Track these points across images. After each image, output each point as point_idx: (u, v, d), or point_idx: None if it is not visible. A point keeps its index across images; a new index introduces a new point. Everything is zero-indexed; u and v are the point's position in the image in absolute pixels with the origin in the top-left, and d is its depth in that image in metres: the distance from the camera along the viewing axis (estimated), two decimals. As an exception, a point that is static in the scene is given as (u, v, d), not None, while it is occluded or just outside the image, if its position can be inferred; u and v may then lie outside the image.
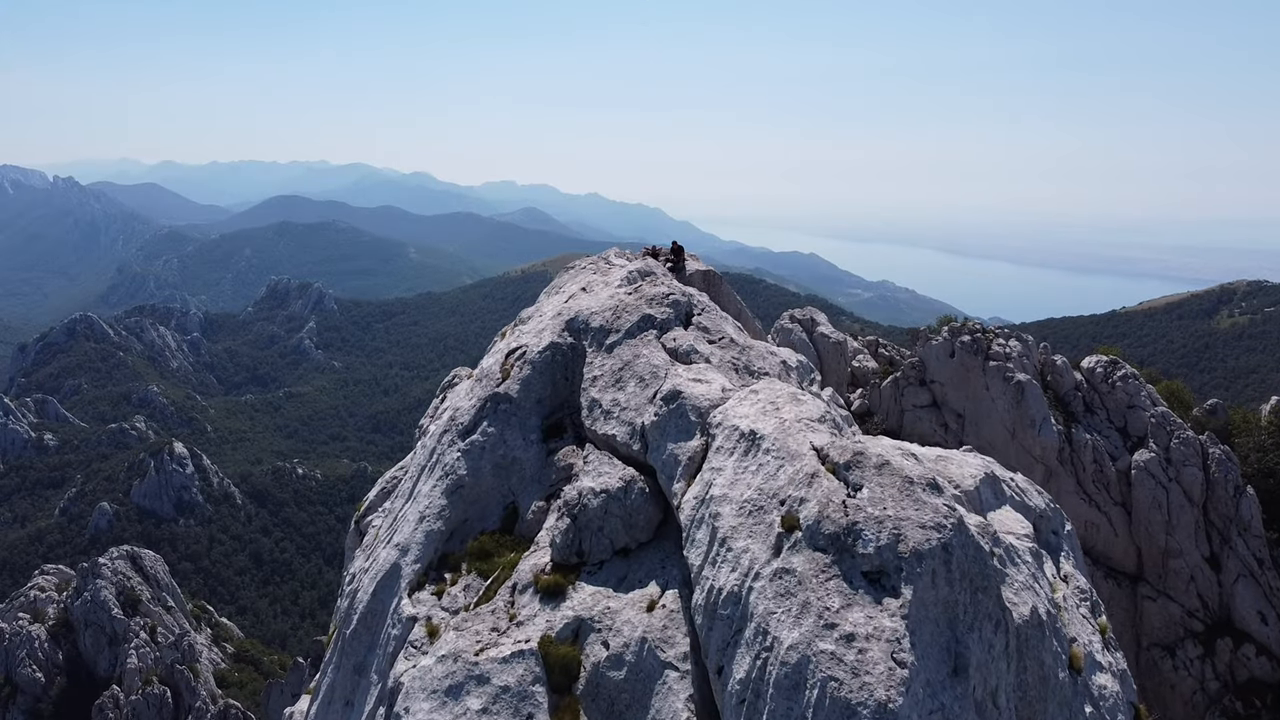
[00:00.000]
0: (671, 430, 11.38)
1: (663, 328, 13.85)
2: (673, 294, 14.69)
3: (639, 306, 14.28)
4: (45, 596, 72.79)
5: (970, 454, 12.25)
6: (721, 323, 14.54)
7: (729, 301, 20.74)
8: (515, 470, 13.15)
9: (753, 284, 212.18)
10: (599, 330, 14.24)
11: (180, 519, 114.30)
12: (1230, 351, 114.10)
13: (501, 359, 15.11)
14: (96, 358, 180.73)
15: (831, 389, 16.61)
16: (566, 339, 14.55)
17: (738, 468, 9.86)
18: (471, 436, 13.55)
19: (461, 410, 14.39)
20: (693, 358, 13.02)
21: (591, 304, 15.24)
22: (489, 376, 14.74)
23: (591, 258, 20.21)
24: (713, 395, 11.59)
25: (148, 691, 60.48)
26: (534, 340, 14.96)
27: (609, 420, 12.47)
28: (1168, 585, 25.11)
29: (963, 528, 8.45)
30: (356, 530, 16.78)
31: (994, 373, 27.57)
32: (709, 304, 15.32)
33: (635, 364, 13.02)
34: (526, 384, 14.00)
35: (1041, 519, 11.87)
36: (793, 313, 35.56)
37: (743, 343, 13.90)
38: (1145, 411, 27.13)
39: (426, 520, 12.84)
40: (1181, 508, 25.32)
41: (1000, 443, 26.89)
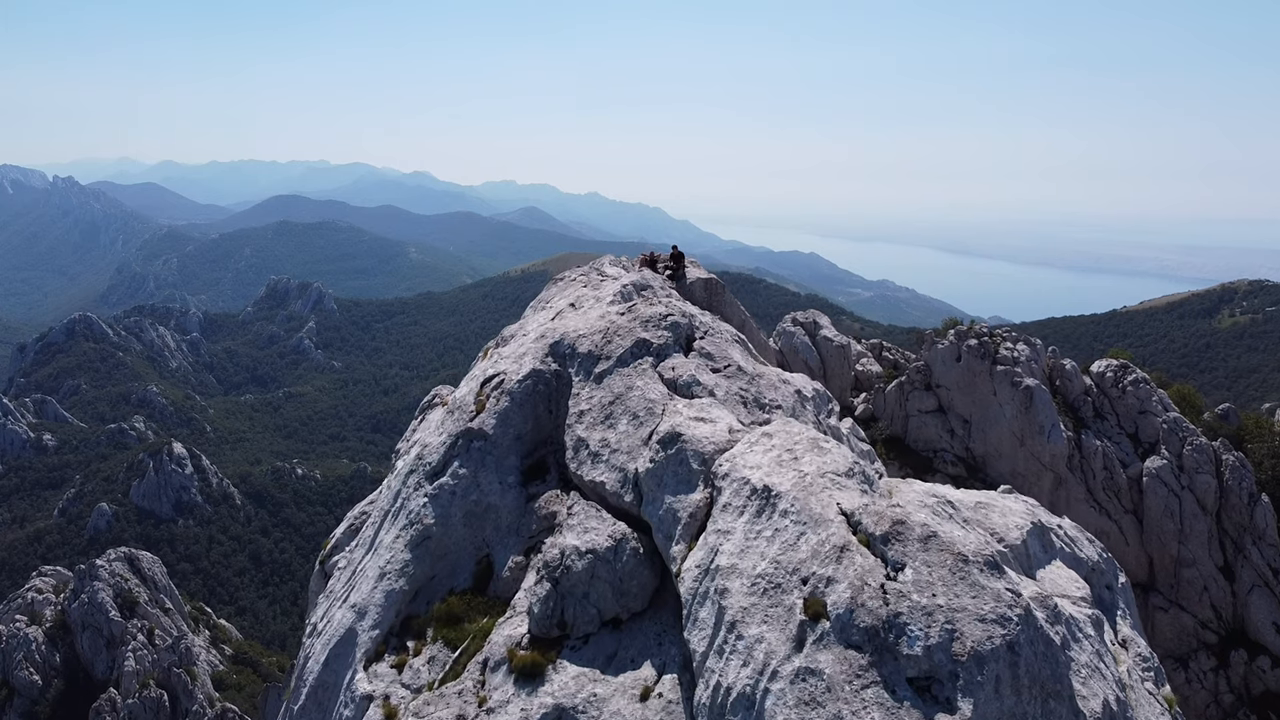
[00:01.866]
0: (670, 480, 9.74)
1: (659, 354, 12.15)
2: (671, 314, 12.97)
3: (633, 329, 12.58)
4: (43, 598, 72.48)
5: (1011, 496, 10.69)
6: (727, 347, 12.75)
7: (732, 312, 20.04)
8: (490, 519, 11.48)
9: (753, 284, 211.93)
10: (587, 357, 12.51)
11: (179, 519, 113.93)
12: (1231, 351, 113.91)
13: (476, 388, 13.24)
14: (96, 358, 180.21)
15: (851, 421, 15.13)
16: (550, 365, 12.80)
17: (749, 531, 8.31)
18: (440, 479, 11.80)
19: (430, 448, 12.57)
20: (694, 390, 11.40)
21: (579, 325, 13.48)
22: (461, 409, 12.89)
23: (583, 268, 18.62)
24: (718, 438, 9.92)
25: (145, 695, 60.13)
26: (513, 367, 13.12)
27: (597, 464, 10.81)
28: (1180, 595, 24.64)
29: (1030, 620, 7.01)
30: (321, 572, 14.88)
31: (1001, 377, 27.10)
32: (712, 324, 13.59)
33: (628, 397, 11.31)
34: (504, 418, 12.16)
35: (1094, 573, 10.38)
36: (795, 315, 35.11)
37: (751, 370, 12.24)
38: (1157, 417, 26.65)
39: (387, 577, 11.21)
40: (1194, 516, 24.85)
41: (1008, 449, 26.44)
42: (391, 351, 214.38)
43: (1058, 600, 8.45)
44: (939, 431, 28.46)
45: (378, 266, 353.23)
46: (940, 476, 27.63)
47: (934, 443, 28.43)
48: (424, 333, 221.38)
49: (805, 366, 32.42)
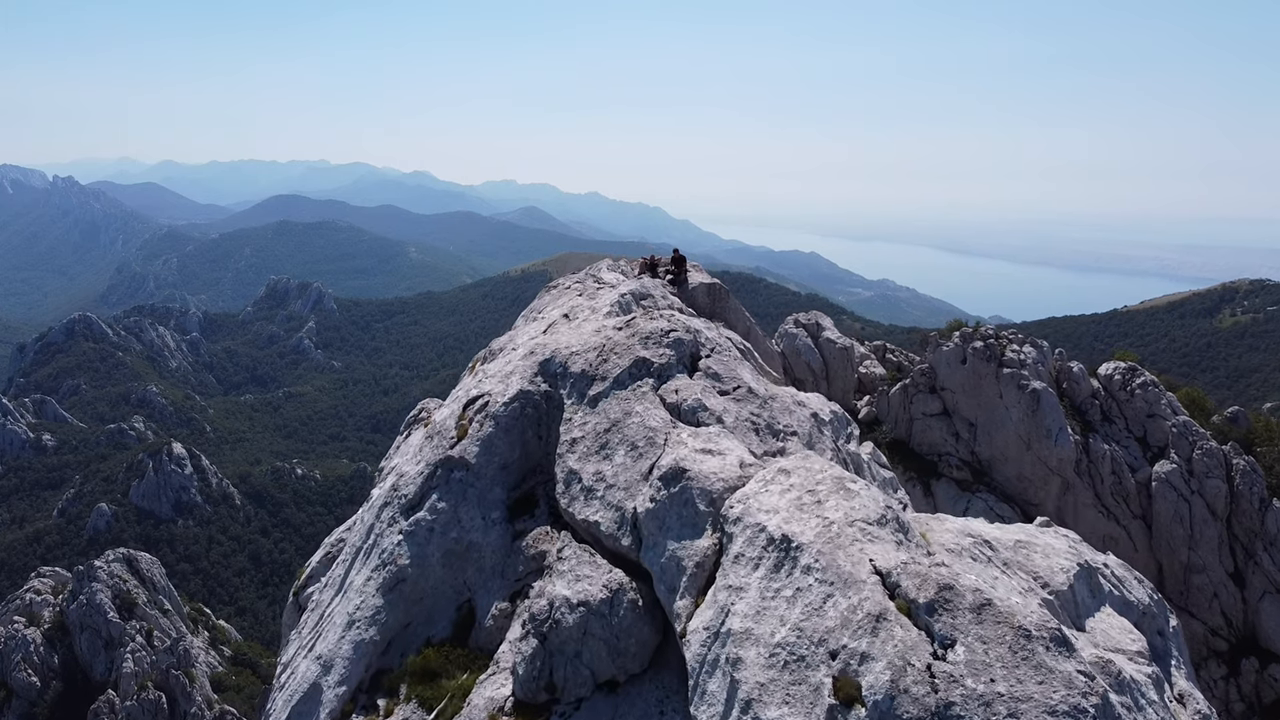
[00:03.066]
0: (673, 522, 8.61)
1: (661, 375, 10.87)
2: (674, 330, 11.63)
3: (631, 347, 11.29)
4: (41, 599, 72.28)
5: (1050, 531, 9.64)
6: (735, 366, 11.47)
7: (737, 318, 19.43)
8: (472, 559, 10.28)
9: (753, 283, 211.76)
10: (580, 377, 11.19)
11: (179, 520, 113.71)
12: (1233, 350, 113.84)
13: (458, 410, 11.90)
14: (95, 358, 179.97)
15: (872, 446, 13.69)
16: (540, 386, 11.53)
17: (766, 589, 7.18)
18: (417, 514, 10.58)
19: (406, 478, 11.29)
20: (700, 416, 10.13)
21: (572, 341, 12.22)
22: (442, 433, 11.58)
23: (578, 275, 17.65)
24: (728, 474, 8.75)
25: (143, 697, 59.93)
26: (499, 387, 11.81)
27: (591, 501, 9.57)
28: (1190, 602, 24.30)
29: (1108, 710, 6.04)
30: (294, 604, 13.75)
31: (1008, 380, 26.75)
32: (719, 340, 12.29)
33: (626, 425, 10.04)
34: (488, 445, 10.91)
35: (1145, 617, 9.36)
36: (797, 317, 34.77)
37: (763, 393, 10.97)
38: (1166, 420, 26.30)
39: (357, 626, 10.05)
40: (1204, 521, 24.50)
41: (1014, 453, 26.11)
42: (391, 351, 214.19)
43: (1116, 661, 7.60)
44: (944, 435, 28.13)
45: (378, 266, 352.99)
46: (945, 480, 27.30)
47: (939, 446, 28.10)
48: (424, 332, 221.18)
49: (807, 369, 32.08)
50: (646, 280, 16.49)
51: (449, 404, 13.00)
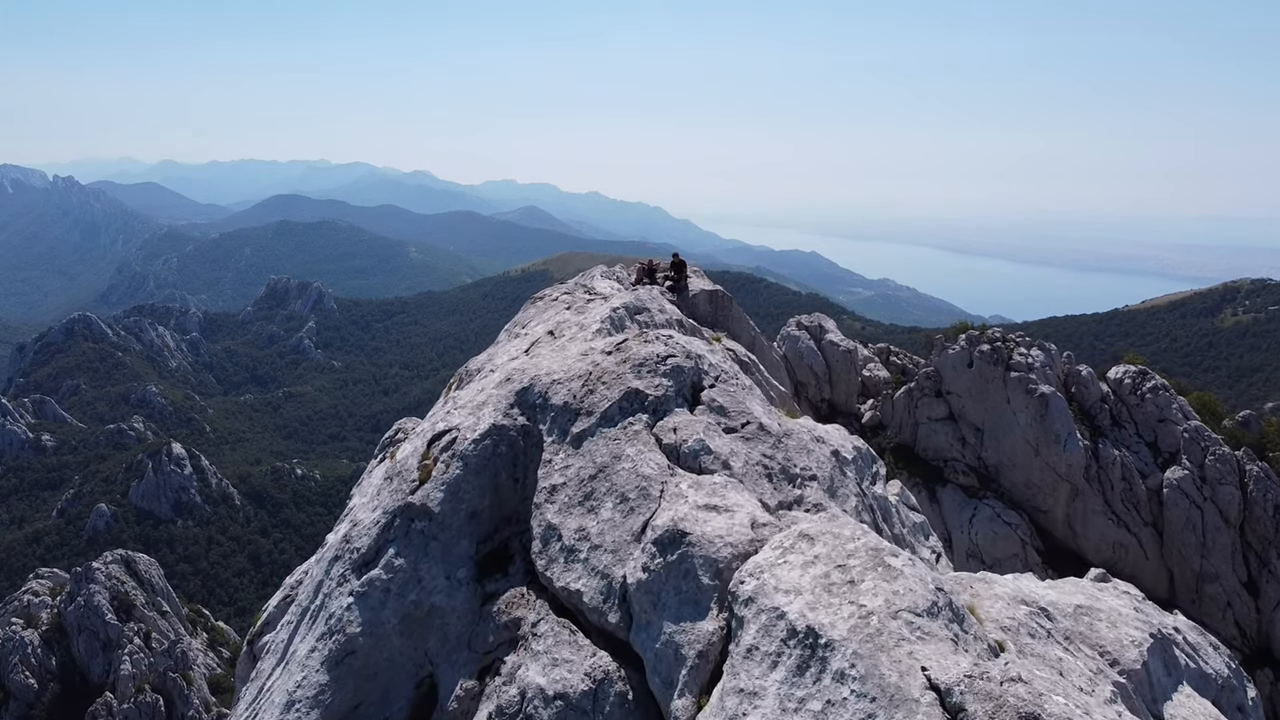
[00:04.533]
0: (670, 598, 7.15)
1: (657, 410, 9.30)
2: (672, 355, 10.00)
3: (622, 376, 9.70)
4: (39, 601, 71.97)
5: (1110, 588, 8.41)
6: (744, 398, 9.88)
7: (740, 328, 18.44)
8: (434, 626, 8.78)
9: (754, 283, 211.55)
10: (562, 410, 9.65)
11: (178, 520, 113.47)
12: (1234, 350, 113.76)
13: (422, 447, 10.18)
14: (95, 358, 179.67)
15: (900, 485, 12.07)
16: (516, 419, 9.90)
17: (787, 698, 5.78)
18: (371, 572, 9.01)
19: (360, 528, 9.60)
20: (703, 461, 8.61)
21: (554, 366, 10.57)
22: (403, 474, 9.90)
23: (568, 285, 16.02)
24: (737, 537, 7.29)
25: (140, 700, 59.68)
26: (468, 420, 10.11)
27: (572, 565, 8.11)
28: (1202, 611, 23.87)
29: None
30: (249, 654, 12.28)
31: (1015, 384, 26.36)
32: (724, 366, 10.57)
33: (614, 471, 8.54)
34: (454, 490, 9.30)
35: (1225, 690, 8.40)
36: (800, 319, 34.43)
37: (776, 428, 9.46)
38: (1177, 425, 25.87)
39: (297, 708, 8.63)
40: (1217, 529, 24.07)
41: (1022, 459, 25.70)
42: (391, 351, 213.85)
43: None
44: (950, 440, 27.73)
45: (378, 266, 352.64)
46: (951, 486, 26.90)
47: (944, 451, 27.72)
48: (424, 332, 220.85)
49: (810, 372, 31.71)
50: (642, 292, 14.93)
51: (411, 440, 11.06)
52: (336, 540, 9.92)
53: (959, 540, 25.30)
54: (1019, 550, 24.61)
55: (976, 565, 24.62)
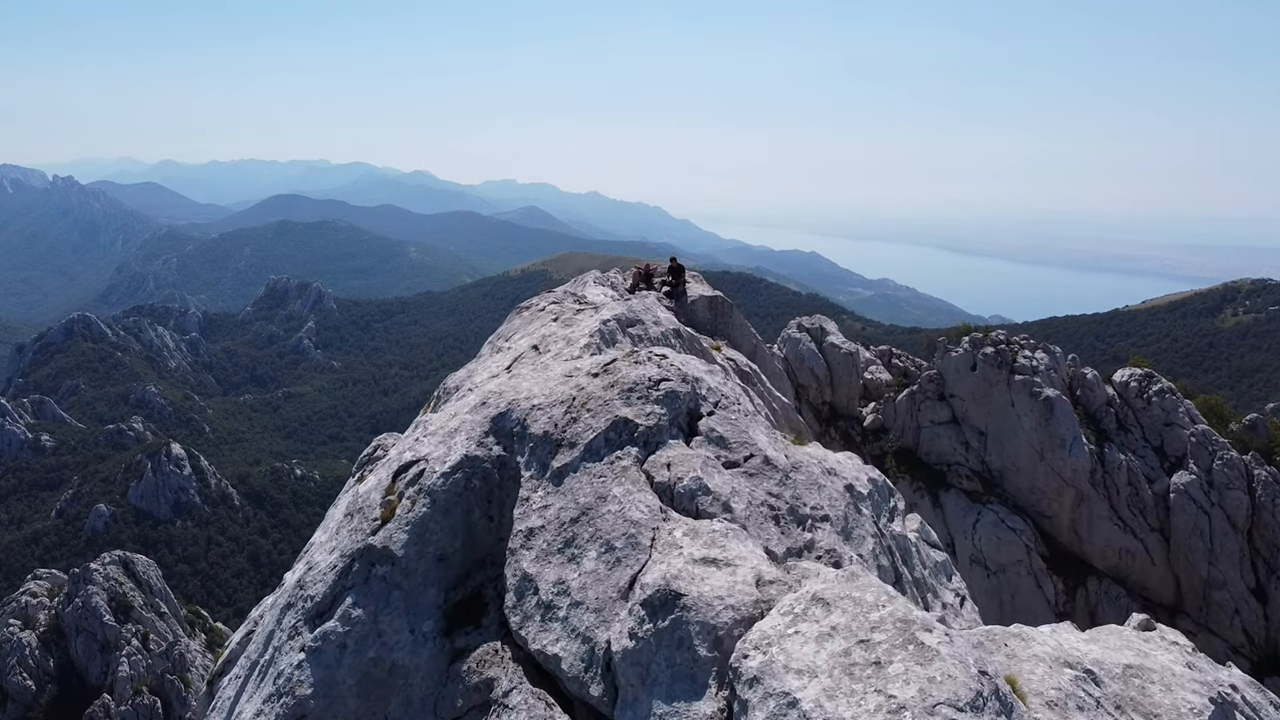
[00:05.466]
0: (661, 672, 6.26)
1: (648, 443, 8.31)
2: (666, 378, 9.02)
3: (609, 402, 8.74)
4: (37, 602, 71.77)
5: (1157, 639, 7.52)
6: (747, 425, 8.85)
7: (742, 336, 17.66)
8: (396, 687, 7.84)
9: (754, 283, 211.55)
10: (542, 441, 8.68)
11: (178, 520, 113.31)
12: (1235, 350, 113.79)
13: (387, 479, 9.14)
14: (94, 358, 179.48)
15: (919, 520, 10.81)
16: (491, 449, 8.88)
17: None
18: (326, 624, 8.03)
19: (316, 571, 8.63)
20: (700, 503, 7.61)
21: (535, 388, 9.55)
22: (363, 511, 8.90)
23: (556, 293, 14.98)
24: (739, 598, 6.35)
25: (137, 702, 59.55)
26: (438, 450, 9.10)
27: (550, 624, 7.13)
28: (1210, 618, 23.60)
29: None
30: (207, 695, 11.54)
31: (1019, 387, 26.09)
32: (725, 390, 9.54)
33: (599, 514, 7.56)
34: (420, 531, 8.30)
35: None
36: (800, 321, 34.20)
37: (783, 461, 8.47)
38: (1184, 429, 25.60)
39: None
40: (1225, 535, 23.81)
41: (1026, 463, 25.44)
42: (391, 351, 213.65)
43: None
44: (953, 444, 27.47)
45: (378, 266, 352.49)
46: (954, 491, 26.65)
47: (947, 455, 27.45)
48: (424, 332, 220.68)
49: (811, 375, 31.47)
50: (635, 303, 13.76)
51: (376, 471, 9.80)
52: (290, 584, 8.78)
53: (963, 546, 25.04)
54: (1023, 556, 24.35)
55: (980, 571, 24.35)
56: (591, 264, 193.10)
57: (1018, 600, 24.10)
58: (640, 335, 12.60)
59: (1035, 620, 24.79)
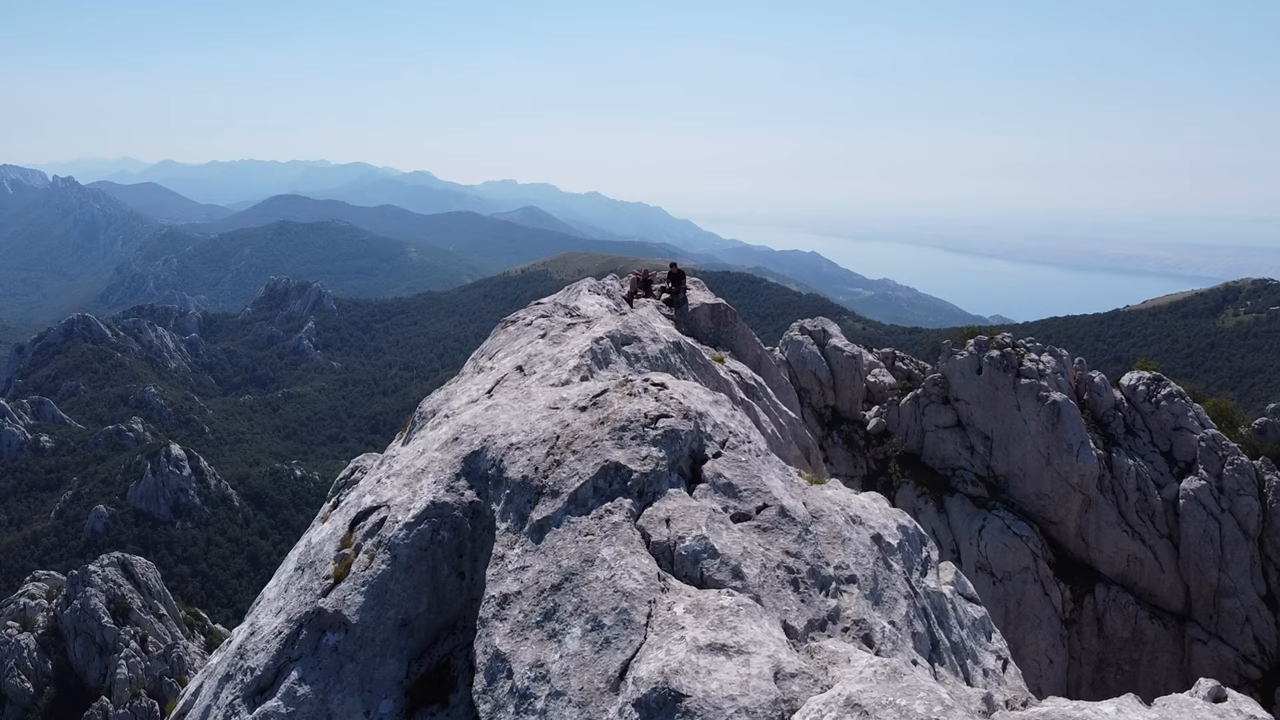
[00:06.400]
0: None
1: (644, 493, 7.21)
2: (665, 414, 7.89)
3: (599, 443, 7.58)
4: (35, 604, 71.62)
5: (1235, 717, 6.19)
6: (759, 468, 7.78)
7: (746, 345, 16.88)
8: None
9: (754, 283, 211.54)
10: (521, 487, 7.50)
11: (177, 521, 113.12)
12: (1236, 350, 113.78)
13: (344, 528, 7.99)
14: (94, 358, 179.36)
15: (954, 569, 9.70)
16: (464, 495, 7.73)
17: None
18: (267, 703, 6.95)
19: (259, 637, 7.53)
20: (705, 568, 6.57)
21: (514, 423, 8.34)
22: (315, 566, 7.80)
23: (547, 303, 13.87)
24: (755, 699, 5.32)
25: (136, 705, 59.32)
26: (402, 495, 7.95)
27: (524, 716, 6.05)
28: (1220, 627, 23.26)
29: None
30: None
31: (1026, 391, 25.77)
32: (735, 426, 8.44)
33: (585, 582, 6.49)
34: (379, 592, 7.17)
35: None
36: (803, 324, 33.88)
37: (801, 512, 7.40)
38: (1193, 434, 25.26)
39: None
40: (1236, 541, 23.47)
41: (1033, 468, 25.12)
42: (391, 352, 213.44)
43: None
44: (957, 448, 27.15)
45: (378, 266, 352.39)
46: (959, 496, 26.34)
47: (952, 460, 27.14)
48: (424, 333, 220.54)
49: (814, 378, 31.17)
50: (631, 318, 12.54)
51: (332, 518, 8.52)
52: (227, 656, 7.70)
53: (967, 552, 24.73)
54: (1030, 563, 24.05)
55: (986, 578, 24.05)
56: (591, 264, 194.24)
57: (1023, 608, 23.80)
58: (637, 354, 11.47)
59: (1040, 626, 24.53)
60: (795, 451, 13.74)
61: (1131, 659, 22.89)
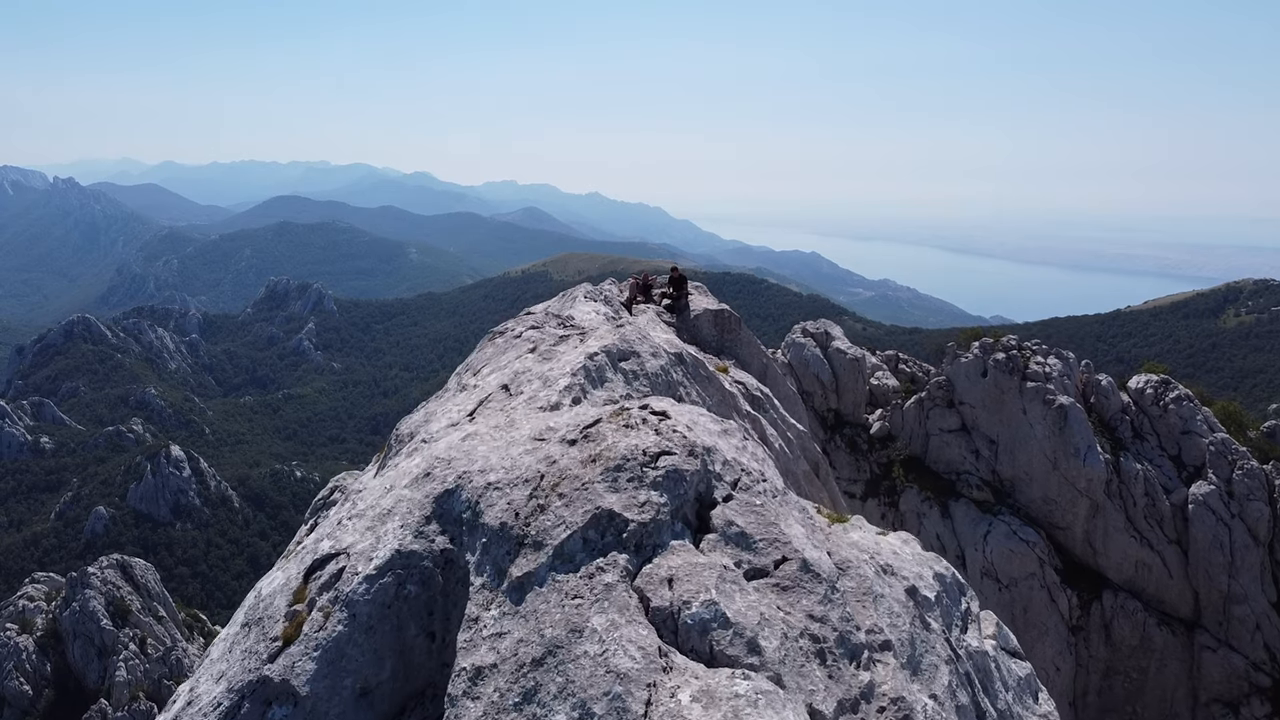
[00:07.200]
0: None
1: (642, 546, 6.25)
2: (667, 451, 6.88)
3: (589, 485, 6.58)
4: (34, 606, 71.43)
5: None
6: (778, 511, 6.85)
7: (751, 354, 16.16)
8: None
9: (754, 284, 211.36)
10: (499, 535, 6.51)
11: (177, 523, 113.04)
12: (1237, 351, 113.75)
13: (298, 579, 7.01)
14: (94, 359, 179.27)
15: (995, 621, 8.78)
16: (434, 541, 6.78)
17: None
18: None
19: (197, 707, 6.56)
20: (715, 640, 5.63)
21: (494, 457, 7.37)
22: (263, 623, 6.82)
23: (538, 312, 12.96)
24: None
25: (134, 708, 59.12)
26: (364, 541, 6.96)
27: None
28: (1230, 634, 22.94)
29: None
30: None
31: (1032, 395, 25.46)
32: (747, 462, 7.42)
33: (571, 657, 5.51)
34: (334, 658, 6.23)
35: None
36: (805, 326, 33.64)
37: (826, 567, 6.47)
38: (1202, 438, 24.95)
39: None
40: (1246, 547, 23.17)
41: (1039, 473, 24.81)
42: (392, 352, 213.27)
43: None
44: (963, 452, 26.85)
45: (378, 267, 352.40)
46: (964, 501, 26.04)
47: (957, 464, 26.84)
48: (424, 334, 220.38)
49: (816, 381, 30.89)
50: (629, 331, 11.20)
51: (284, 566, 7.57)
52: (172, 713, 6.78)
53: (973, 558, 24.44)
54: (1036, 569, 23.74)
55: (992, 584, 23.74)
56: (592, 265, 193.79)
57: (1030, 615, 23.50)
58: (635, 370, 10.29)
59: (1047, 634, 24.24)
60: (804, 466, 13.21)
61: (1140, 667, 22.60)
